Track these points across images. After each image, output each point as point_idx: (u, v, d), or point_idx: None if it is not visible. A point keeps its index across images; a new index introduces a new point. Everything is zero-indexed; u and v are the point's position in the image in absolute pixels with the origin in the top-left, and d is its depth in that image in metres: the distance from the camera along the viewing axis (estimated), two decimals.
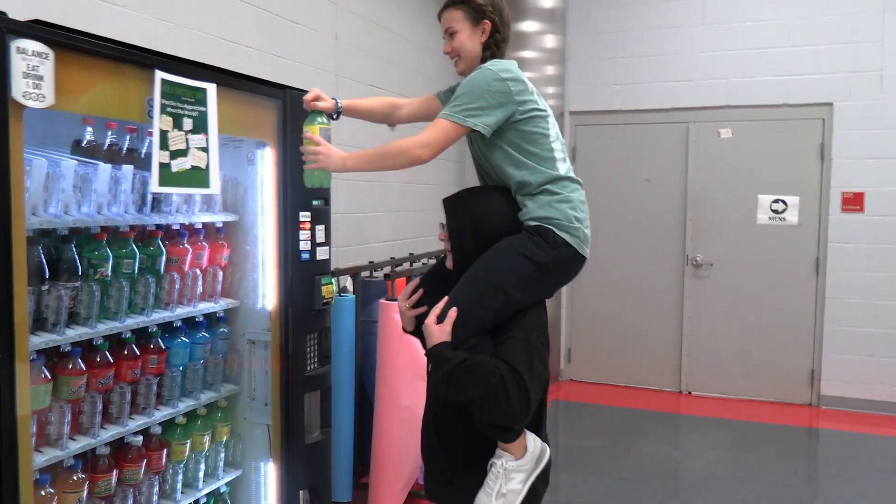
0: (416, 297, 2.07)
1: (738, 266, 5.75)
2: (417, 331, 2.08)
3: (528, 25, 5.58)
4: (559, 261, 1.87)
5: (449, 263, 1.99)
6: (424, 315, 1.96)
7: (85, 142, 2.25)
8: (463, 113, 1.87)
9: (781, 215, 5.60)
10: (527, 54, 5.57)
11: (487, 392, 1.70)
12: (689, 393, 5.94)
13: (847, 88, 5.34)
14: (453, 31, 2.03)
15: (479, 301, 1.81)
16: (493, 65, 1.95)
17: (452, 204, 1.96)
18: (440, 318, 1.82)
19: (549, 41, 5.74)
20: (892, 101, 5.23)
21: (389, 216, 4.92)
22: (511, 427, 1.77)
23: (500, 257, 1.85)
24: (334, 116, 2.19)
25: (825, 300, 5.50)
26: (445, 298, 1.85)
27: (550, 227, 1.86)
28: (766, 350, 5.68)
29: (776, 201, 5.60)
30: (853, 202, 5.38)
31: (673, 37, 5.76)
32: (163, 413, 2.49)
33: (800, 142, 5.55)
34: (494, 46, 2.04)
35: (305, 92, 2.89)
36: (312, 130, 2.03)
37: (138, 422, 2.38)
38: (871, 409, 5.39)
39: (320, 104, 2.11)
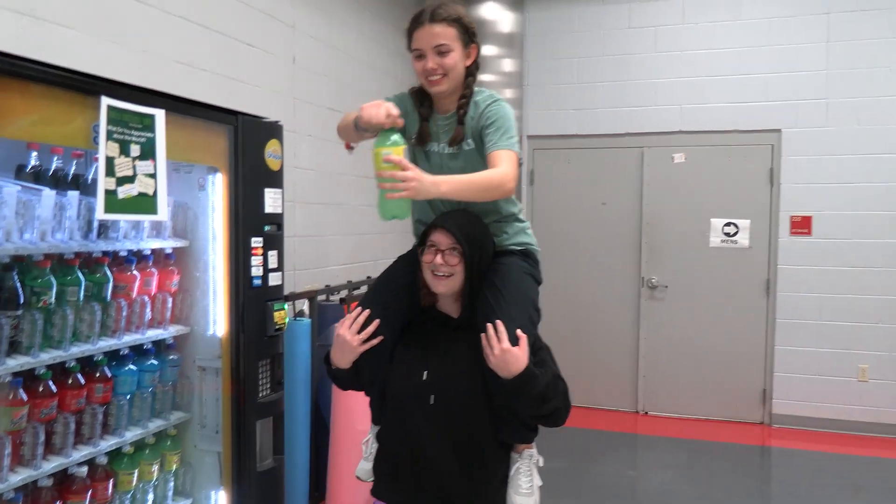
0: (372, 327, 1.90)
1: (692, 288, 5.86)
2: (346, 369, 1.96)
3: (487, 49, 5.65)
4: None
5: (442, 288, 1.89)
6: (371, 350, 1.91)
7: (29, 167, 2.22)
8: (517, 144, 1.95)
9: (733, 238, 5.74)
10: (486, 77, 5.63)
11: (565, 400, 1.90)
12: (646, 413, 6.01)
13: (794, 116, 5.52)
14: (447, 49, 1.91)
15: (530, 320, 1.90)
16: (500, 97, 2.00)
17: (466, 233, 1.88)
18: (513, 342, 1.78)
19: (508, 65, 5.81)
20: (837, 128, 5.42)
21: (348, 239, 4.91)
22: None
23: (520, 278, 1.95)
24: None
25: (776, 321, 5.63)
26: (499, 324, 1.78)
27: (534, 250, 2.07)
28: (720, 370, 5.79)
29: (728, 224, 5.74)
30: (801, 225, 5.53)
31: (627, 64, 5.89)
32: (109, 443, 2.44)
33: (750, 167, 5.70)
34: (477, 72, 2.02)
35: (258, 118, 2.91)
36: (397, 152, 1.74)
37: (83, 452, 2.33)
38: (821, 427, 5.52)
39: (400, 121, 1.86)
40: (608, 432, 5.59)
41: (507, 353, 1.77)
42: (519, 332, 1.80)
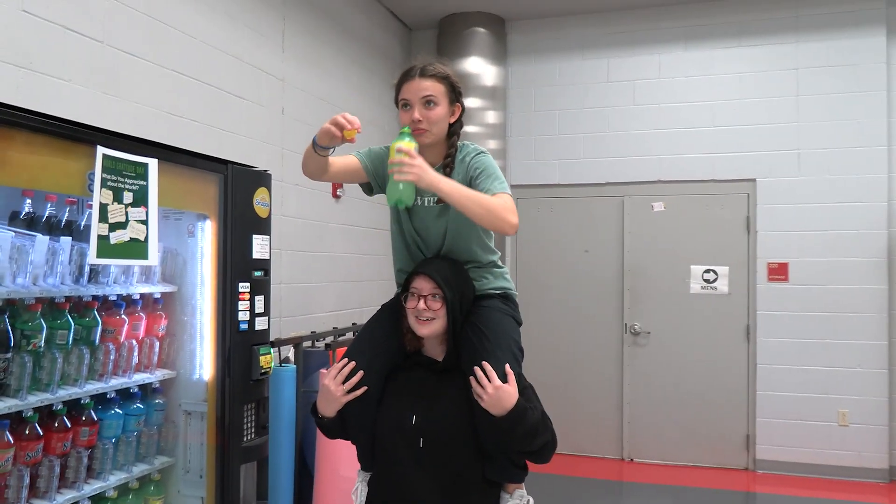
0: (356, 378, 1.94)
1: (674, 334, 5.94)
2: (332, 417, 1.99)
3: (471, 102, 5.82)
4: None
5: (425, 331, 1.95)
6: (357, 398, 1.95)
7: (23, 213, 2.28)
8: (509, 189, 2.00)
9: (713, 285, 5.84)
10: (471, 129, 5.79)
11: (553, 435, 1.96)
12: (631, 460, 6.01)
13: (768, 166, 5.70)
14: (434, 102, 2.00)
15: (514, 359, 1.96)
16: (483, 149, 2.07)
17: (446, 279, 1.96)
18: (502, 380, 1.85)
19: (491, 117, 6.00)
20: (809, 177, 5.59)
21: (334, 286, 4.97)
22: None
23: (502, 319, 2.02)
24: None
25: (756, 366, 5.70)
26: (486, 365, 1.85)
27: (513, 293, 2.14)
28: (704, 416, 5.82)
29: (707, 271, 5.86)
30: (778, 272, 5.66)
31: (607, 116, 6.08)
32: (93, 487, 2.45)
33: (727, 215, 5.85)
34: (460, 131, 2.08)
35: (248, 166, 3.00)
36: (409, 145, 1.89)
37: (67, 496, 2.34)
38: (804, 472, 5.54)
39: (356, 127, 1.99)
40: (594, 479, 5.58)
41: (499, 390, 1.83)
42: (507, 367, 1.87)
